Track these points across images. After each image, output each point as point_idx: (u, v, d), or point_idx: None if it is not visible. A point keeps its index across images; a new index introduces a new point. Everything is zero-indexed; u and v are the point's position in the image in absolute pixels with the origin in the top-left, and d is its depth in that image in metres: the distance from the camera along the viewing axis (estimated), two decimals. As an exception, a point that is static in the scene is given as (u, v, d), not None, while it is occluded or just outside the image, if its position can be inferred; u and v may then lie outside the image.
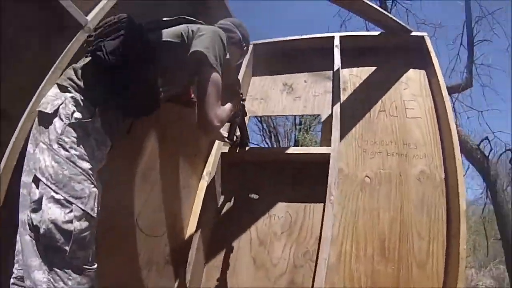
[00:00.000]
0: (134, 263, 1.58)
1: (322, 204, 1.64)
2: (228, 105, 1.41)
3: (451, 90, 6.20)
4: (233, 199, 1.97)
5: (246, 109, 1.83)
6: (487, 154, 5.89)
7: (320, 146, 2.10)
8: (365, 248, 1.71)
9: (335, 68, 2.11)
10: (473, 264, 9.79)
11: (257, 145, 9.23)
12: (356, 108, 2.02)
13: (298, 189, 1.86)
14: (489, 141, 6.04)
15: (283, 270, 1.72)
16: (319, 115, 2.15)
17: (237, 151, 1.97)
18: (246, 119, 1.98)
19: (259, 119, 9.27)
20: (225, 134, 1.86)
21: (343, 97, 2.02)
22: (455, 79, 6.62)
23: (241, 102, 1.65)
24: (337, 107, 1.88)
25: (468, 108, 6.85)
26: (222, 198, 1.99)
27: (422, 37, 2.19)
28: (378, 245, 1.72)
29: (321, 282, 1.46)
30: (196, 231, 1.80)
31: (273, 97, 2.31)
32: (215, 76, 1.21)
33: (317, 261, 1.54)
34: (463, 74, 6.35)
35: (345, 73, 2.17)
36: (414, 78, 2.13)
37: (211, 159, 2.04)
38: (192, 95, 1.50)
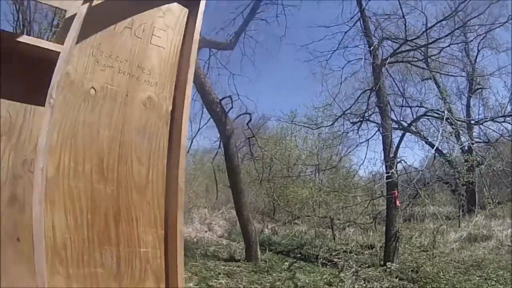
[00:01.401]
0: None
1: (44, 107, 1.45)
2: None
3: (211, 44, 6.57)
4: None
5: None
6: (227, 110, 6.56)
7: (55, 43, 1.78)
8: (84, 164, 1.63)
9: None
10: (206, 205, 11.07)
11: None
12: (104, 15, 1.83)
13: (24, 86, 1.54)
14: (231, 100, 6.73)
15: (4, 180, 1.44)
16: (65, 10, 1.80)
17: None
18: None
19: (17, 8, 7.27)
20: None
21: (97, 1, 1.76)
22: (222, 39, 7.07)
23: None
24: (84, 7, 1.65)
25: (222, 66, 7.53)
26: None
27: None
28: (96, 163, 1.67)
29: (40, 197, 1.32)
30: None
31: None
32: None
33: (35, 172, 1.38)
34: (231, 36, 6.85)
35: (113, -21, 1.90)
36: (174, 11, 2.12)
37: None
38: None
